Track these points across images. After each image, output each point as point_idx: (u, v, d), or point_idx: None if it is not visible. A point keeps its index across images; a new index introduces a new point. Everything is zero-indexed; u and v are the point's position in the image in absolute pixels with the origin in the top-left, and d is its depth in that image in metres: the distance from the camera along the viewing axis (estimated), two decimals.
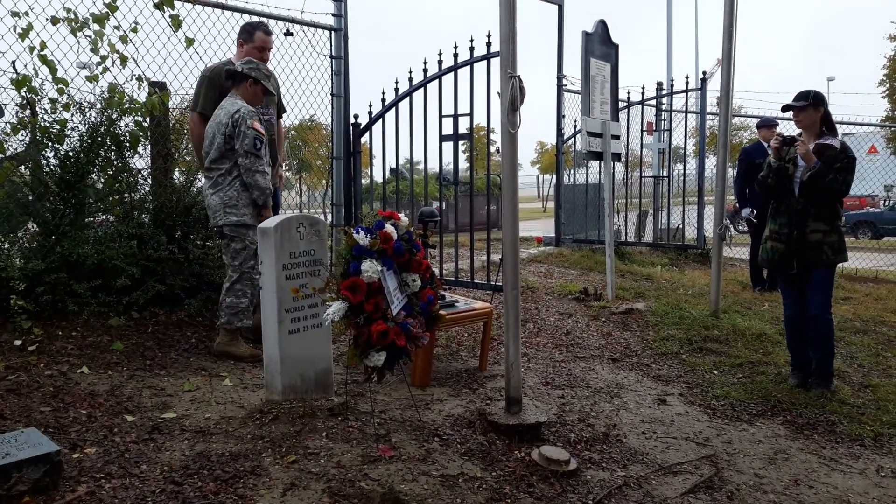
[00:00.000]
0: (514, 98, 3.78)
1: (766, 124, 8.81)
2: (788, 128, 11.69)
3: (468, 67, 6.76)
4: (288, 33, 6.99)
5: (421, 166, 10.83)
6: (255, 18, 6.03)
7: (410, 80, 7.19)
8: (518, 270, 3.94)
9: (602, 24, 7.61)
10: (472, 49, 6.75)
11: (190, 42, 5.23)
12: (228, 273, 4.94)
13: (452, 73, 6.88)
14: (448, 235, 7.73)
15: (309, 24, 7.15)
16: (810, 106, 4.91)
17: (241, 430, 3.58)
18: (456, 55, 6.88)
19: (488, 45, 6.54)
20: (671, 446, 3.97)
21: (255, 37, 5.34)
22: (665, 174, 11.85)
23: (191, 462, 3.16)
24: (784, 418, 4.50)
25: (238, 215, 4.84)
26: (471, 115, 6.72)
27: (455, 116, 6.74)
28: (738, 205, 8.87)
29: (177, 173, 6.14)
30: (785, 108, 5.10)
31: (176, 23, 4.93)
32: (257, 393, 4.20)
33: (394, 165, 8.15)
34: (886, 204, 24.44)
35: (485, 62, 6.62)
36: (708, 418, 4.45)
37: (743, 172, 8.70)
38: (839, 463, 3.88)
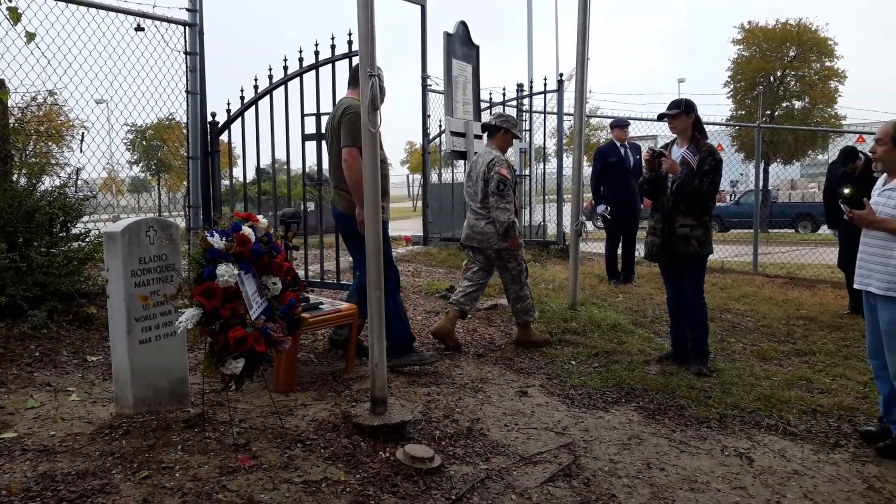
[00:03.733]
0: (374, 97, 3.76)
1: (619, 124, 9.25)
2: (640, 128, 12.32)
3: (330, 65, 6.69)
4: (139, 28, 6.68)
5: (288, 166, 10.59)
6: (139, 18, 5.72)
7: (270, 77, 7.03)
8: (382, 270, 3.93)
9: (463, 26, 7.73)
10: (333, 47, 6.69)
11: (31, 37, 4.86)
12: (514, 288, 5.95)
13: (314, 72, 6.78)
14: (328, 237, 7.62)
15: (162, 19, 6.86)
16: (682, 113, 5.37)
17: (89, 447, 3.39)
18: (317, 53, 6.79)
19: (349, 43, 6.49)
20: (532, 437, 4.08)
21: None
22: (527, 173, 12.18)
23: (33, 483, 2.96)
24: (637, 404, 4.73)
25: (507, 241, 5.78)
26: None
27: (318, 115, 6.65)
28: (594, 202, 9.25)
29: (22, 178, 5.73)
30: (660, 117, 5.57)
31: (14, 16, 4.57)
32: (107, 407, 3.98)
33: (260, 165, 7.94)
34: (732, 198, 26.23)
35: (346, 60, 6.56)
36: (566, 408, 4.61)
37: (598, 171, 9.10)
38: (688, 445, 4.11)
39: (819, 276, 10.89)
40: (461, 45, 7.68)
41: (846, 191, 4.09)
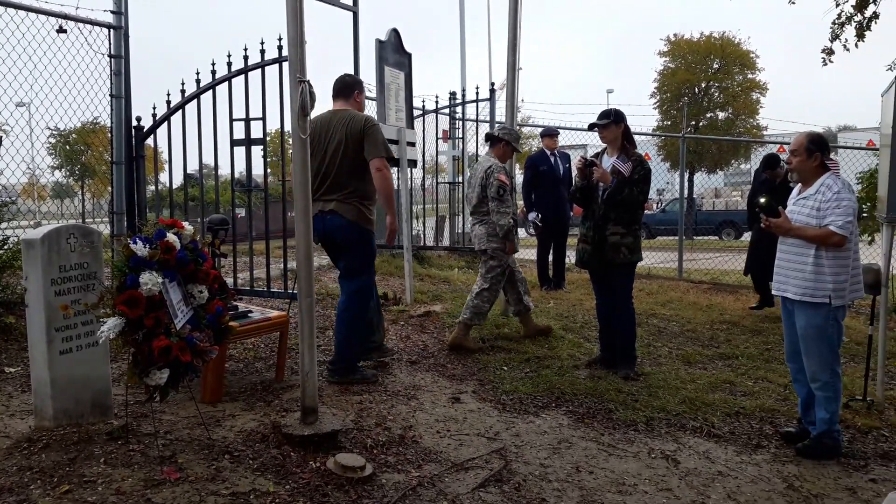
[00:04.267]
0: (304, 103, 3.73)
1: (549, 133, 9.39)
2: (570, 137, 12.52)
3: (259, 70, 6.60)
4: (61, 30, 6.48)
5: (219, 172, 10.39)
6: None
7: (198, 81, 6.89)
8: (313, 277, 3.89)
9: (395, 33, 7.73)
10: (262, 52, 6.60)
11: None
12: (480, 282, 6.23)
13: (243, 76, 6.68)
14: (258, 244, 7.50)
15: (86, 21, 6.66)
16: (612, 123, 5.46)
17: (5, 462, 3.26)
18: (246, 58, 6.69)
19: (279, 48, 6.41)
20: (464, 443, 4.10)
21: (363, 87, 5.44)
22: (460, 180, 12.24)
23: None
24: (567, 408, 4.79)
25: (497, 242, 6.15)
26: (263, 119, 6.56)
27: (247, 120, 6.56)
28: (525, 209, 9.36)
29: None
30: (591, 127, 5.62)
31: None
32: (26, 420, 3.84)
33: (187, 171, 7.79)
34: (658, 207, 26.91)
35: (276, 65, 6.48)
36: (498, 413, 4.64)
37: (529, 179, 9.21)
38: (616, 448, 4.19)
39: (742, 281, 11.21)
40: (393, 52, 7.68)
41: (762, 200, 4.26)
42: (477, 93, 11.29)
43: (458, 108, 11.96)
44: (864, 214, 8.13)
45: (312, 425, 3.81)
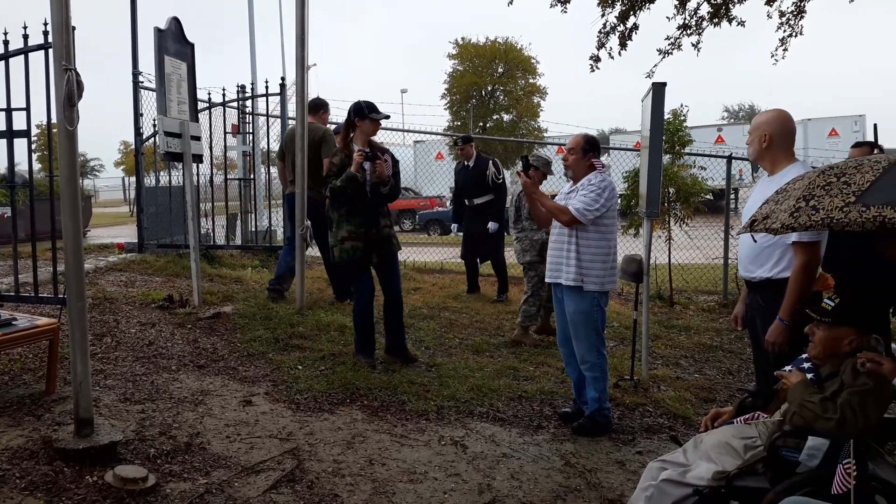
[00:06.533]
0: (70, 92, 3.49)
1: (339, 131, 9.41)
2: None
3: (22, 57, 6.03)
4: None
5: None
6: None
7: None
8: (83, 280, 3.65)
9: (175, 21, 7.36)
10: (25, 37, 6.04)
11: None
12: (527, 290, 6.94)
13: (3, 63, 6.07)
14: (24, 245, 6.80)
15: None
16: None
17: None
18: (6, 42, 6.09)
19: (45, 34, 5.91)
20: (255, 446, 4.01)
21: (329, 108, 8.13)
22: (252, 177, 11.92)
23: None
24: (362, 403, 4.84)
25: (531, 256, 6.92)
26: (27, 109, 6.01)
27: (8, 110, 5.97)
28: None
29: None
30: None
31: None
32: None
33: None
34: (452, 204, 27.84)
35: (42, 52, 5.96)
36: (292, 413, 4.59)
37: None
38: (408, 438, 4.30)
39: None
40: (174, 41, 7.30)
41: (522, 157, 4.89)
42: (267, 87, 11.01)
43: (249, 102, 11.63)
44: (631, 210, 8.90)
45: (88, 438, 3.57)
